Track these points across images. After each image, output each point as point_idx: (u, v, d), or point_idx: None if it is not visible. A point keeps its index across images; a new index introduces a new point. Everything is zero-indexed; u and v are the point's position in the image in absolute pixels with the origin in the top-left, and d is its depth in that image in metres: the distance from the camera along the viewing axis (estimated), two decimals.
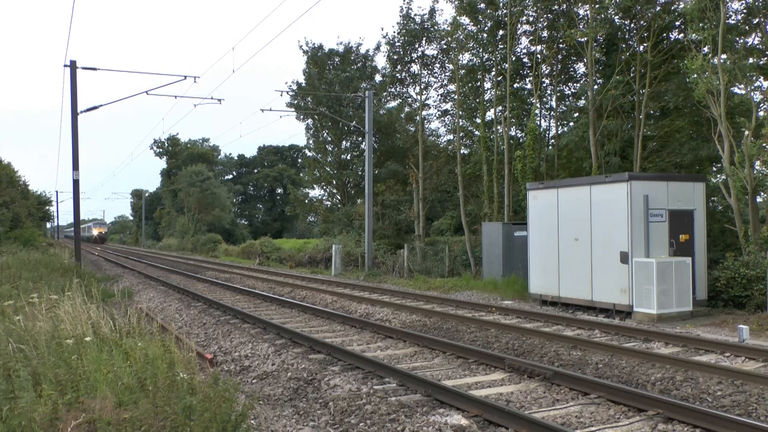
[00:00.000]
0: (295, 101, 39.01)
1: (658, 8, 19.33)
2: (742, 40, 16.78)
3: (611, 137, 22.20)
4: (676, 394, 7.11)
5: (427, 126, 33.92)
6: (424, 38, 29.91)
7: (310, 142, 41.43)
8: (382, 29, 78.77)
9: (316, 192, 44.72)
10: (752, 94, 16.12)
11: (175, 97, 25.49)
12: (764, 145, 14.54)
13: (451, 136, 32.93)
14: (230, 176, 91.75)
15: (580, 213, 14.17)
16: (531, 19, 24.29)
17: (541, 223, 15.34)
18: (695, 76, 15.56)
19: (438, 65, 30.55)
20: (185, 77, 23.52)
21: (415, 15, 29.72)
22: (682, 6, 18.14)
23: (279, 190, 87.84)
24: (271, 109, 31.31)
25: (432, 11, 29.91)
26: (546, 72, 25.16)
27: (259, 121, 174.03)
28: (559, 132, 26.45)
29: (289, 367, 8.73)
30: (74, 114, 23.71)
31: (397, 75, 30.98)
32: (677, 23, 19.70)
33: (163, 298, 18.31)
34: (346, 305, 15.46)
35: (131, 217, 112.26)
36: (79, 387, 5.08)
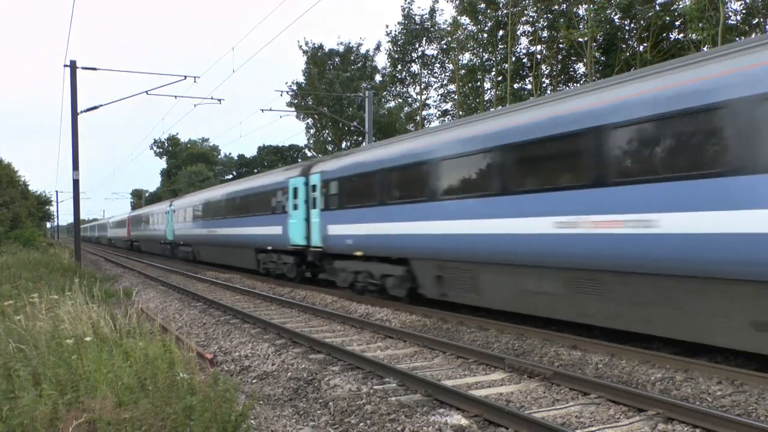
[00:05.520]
0: (296, 101, 39.04)
1: (658, 8, 19.36)
2: (742, 40, 16.79)
3: None
4: (676, 394, 7.11)
5: (427, 126, 33.95)
6: (425, 38, 29.95)
7: (311, 141, 41.51)
8: (387, 26, 79.01)
9: None
10: None
11: (175, 97, 25.53)
12: None
13: None
14: (230, 176, 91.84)
15: None
16: (531, 19, 24.33)
17: None
18: None
19: (438, 65, 30.61)
20: (185, 77, 23.56)
21: (415, 15, 29.80)
22: (681, 6, 18.15)
23: None
24: (271, 109, 31.36)
25: (432, 11, 29.97)
26: (546, 72, 25.19)
27: (259, 121, 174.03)
28: None
29: (289, 367, 8.74)
30: (74, 114, 23.71)
31: (397, 75, 31.03)
32: (677, 23, 19.72)
33: (163, 298, 18.32)
34: (346, 305, 15.45)
35: None
36: (79, 387, 5.08)
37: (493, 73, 25.53)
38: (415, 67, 30.73)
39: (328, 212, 16.75)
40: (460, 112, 27.93)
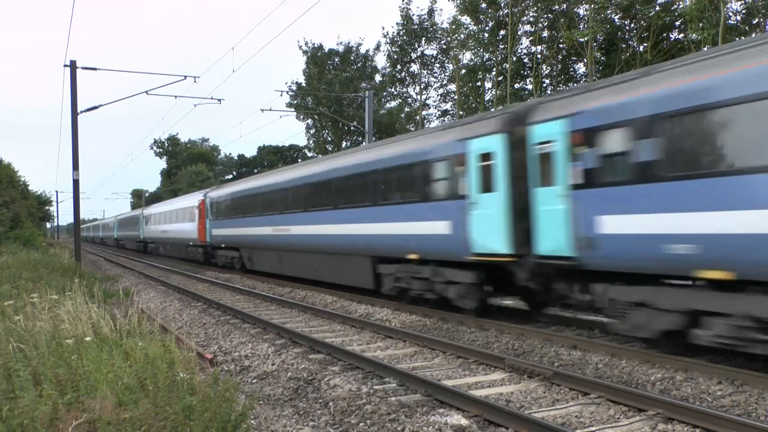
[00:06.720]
0: (295, 101, 39.06)
1: (658, 8, 19.37)
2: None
3: None
4: (676, 394, 7.11)
5: (427, 126, 33.96)
6: (424, 38, 29.99)
7: (311, 142, 41.54)
8: (383, 28, 79.24)
9: None
10: None
11: (175, 97, 25.54)
12: None
13: None
14: (230, 176, 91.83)
15: None
16: (532, 19, 24.36)
17: None
18: None
19: (438, 65, 30.62)
20: (185, 77, 23.57)
21: (414, 15, 29.84)
22: (681, 6, 18.16)
23: None
24: (271, 109, 31.38)
25: (431, 11, 30.00)
26: (546, 72, 25.20)
27: (259, 121, 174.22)
28: None
29: (289, 367, 8.74)
30: (74, 114, 23.72)
31: (397, 75, 31.07)
32: (677, 23, 19.73)
33: (164, 298, 18.32)
34: (346, 305, 15.45)
35: None
36: (79, 387, 5.09)
37: (493, 73, 25.53)
38: (414, 67, 30.77)
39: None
40: (461, 112, 27.94)
